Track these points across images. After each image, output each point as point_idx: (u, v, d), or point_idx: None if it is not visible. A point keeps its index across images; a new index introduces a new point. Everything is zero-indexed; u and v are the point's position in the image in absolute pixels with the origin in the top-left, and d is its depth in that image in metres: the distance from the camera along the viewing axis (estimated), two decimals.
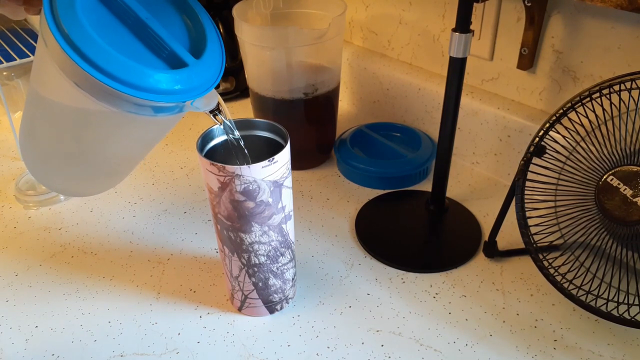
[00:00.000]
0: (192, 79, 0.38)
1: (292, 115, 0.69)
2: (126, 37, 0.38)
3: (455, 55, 0.53)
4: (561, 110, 0.51)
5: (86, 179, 0.49)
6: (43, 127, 0.44)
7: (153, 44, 0.38)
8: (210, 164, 0.42)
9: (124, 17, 0.38)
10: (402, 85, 0.78)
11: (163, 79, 0.37)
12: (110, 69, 0.35)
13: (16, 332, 0.51)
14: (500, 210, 0.56)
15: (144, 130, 0.44)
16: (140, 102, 0.37)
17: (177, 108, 0.40)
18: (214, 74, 0.40)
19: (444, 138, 0.59)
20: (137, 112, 0.38)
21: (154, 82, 0.36)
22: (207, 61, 0.40)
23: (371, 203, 0.67)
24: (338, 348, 0.49)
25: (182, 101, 0.38)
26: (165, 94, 0.37)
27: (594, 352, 0.48)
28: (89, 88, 0.36)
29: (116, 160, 0.47)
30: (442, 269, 0.57)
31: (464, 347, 0.48)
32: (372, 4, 0.80)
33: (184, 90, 0.38)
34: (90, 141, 0.43)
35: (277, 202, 0.45)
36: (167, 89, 0.37)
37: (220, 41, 0.42)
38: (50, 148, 0.46)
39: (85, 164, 0.46)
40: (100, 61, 0.35)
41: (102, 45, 0.35)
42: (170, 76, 0.37)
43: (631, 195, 0.46)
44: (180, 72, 0.38)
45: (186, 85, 0.38)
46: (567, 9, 0.58)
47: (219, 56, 0.41)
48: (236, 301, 0.52)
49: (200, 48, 0.40)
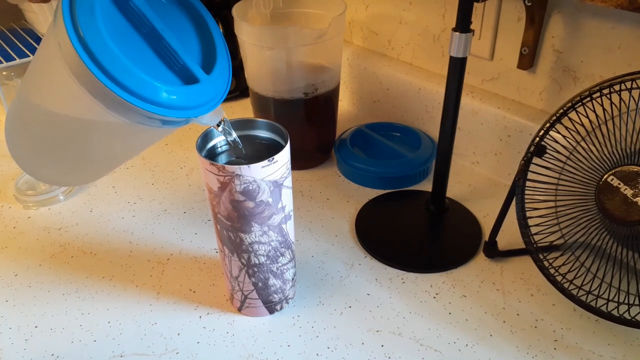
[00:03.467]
0: (202, 95, 0.39)
1: (292, 115, 0.69)
2: (141, 46, 0.38)
3: (455, 55, 0.53)
4: (561, 110, 0.51)
5: (76, 172, 0.49)
6: (36, 126, 0.44)
7: (166, 56, 0.38)
8: (210, 164, 0.41)
9: (140, 26, 0.38)
10: (402, 85, 0.78)
11: (176, 95, 0.37)
12: (126, 82, 0.35)
13: (16, 332, 0.51)
14: (501, 210, 0.56)
15: (146, 135, 0.44)
16: (152, 115, 0.37)
17: (185, 121, 0.40)
18: (222, 89, 0.41)
19: (444, 138, 0.59)
20: (145, 123, 0.39)
21: (167, 98, 0.37)
22: (217, 76, 0.40)
23: (371, 203, 0.67)
24: (338, 348, 0.49)
25: (192, 117, 0.39)
26: (177, 109, 0.38)
27: (594, 352, 0.48)
28: (101, 97, 0.36)
29: (111, 159, 0.47)
30: (442, 269, 0.57)
31: (464, 347, 0.48)
32: (372, 4, 0.80)
33: (195, 106, 0.39)
34: (88, 144, 0.43)
35: (277, 202, 0.45)
36: (178, 104, 0.37)
37: (228, 56, 0.42)
38: (42, 145, 0.45)
39: (79, 161, 0.46)
40: (117, 73, 0.35)
41: (119, 56, 0.35)
42: (183, 92, 0.38)
43: (631, 195, 0.46)
44: (192, 88, 0.38)
45: (197, 101, 0.39)
46: (567, 8, 0.58)
47: (226, 71, 0.42)
48: (236, 301, 0.52)
49: (210, 62, 0.41)
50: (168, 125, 0.40)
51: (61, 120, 0.41)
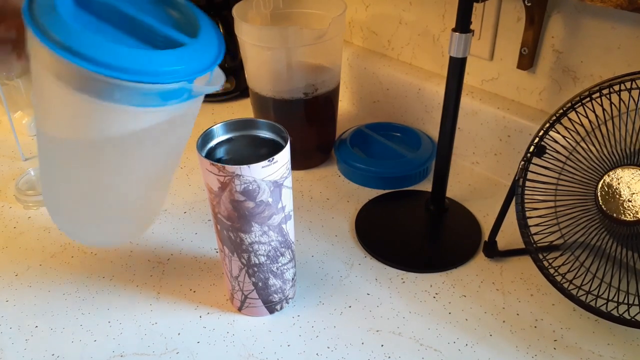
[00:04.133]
0: (192, 57, 0.37)
1: (292, 115, 0.69)
2: (117, 34, 0.37)
3: (455, 55, 0.53)
4: (561, 110, 0.51)
5: (120, 217, 0.47)
6: (61, 171, 0.43)
7: (145, 35, 0.37)
8: (210, 164, 0.42)
9: (110, 17, 0.37)
10: (402, 85, 0.78)
11: (163, 60, 0.36)
12: (108, 60, 0.34)
13: (16, 332, 0.51)
14: (500, 210, 0.56)
15: (160, 136, 0.42)
16: (145, 88, 0.36)
17: (185, 92, 0.38)
18: (214, 51, 0.39)
19: (444, 138, 0.59)
20: (145, 103, 0.37)
21: (156, 64, 0.35)
22: (204, 40, 0.39)
23: (371, 203, 0.67)
24: (338, 348, 0.49)
25: (186, 79, 0.37)
26: (169, 75, 0.36)
27: (594, 352, 0.48)
28: (90, 90, 0.35)
29: (141, 185, 0.45)
30: (442, 269, 0.57)
31: (464, 347, 0.48)
32: (372, 4, 0.80)
33: (187, 69, 0.37)
34: (111, 169, 0.42)
35: (277, 202, 0.45)
36: (169, 69, 0.36)
37: (213, 22, 0.41)
38: (74, 192, 0.44)
39: (115, 199, 0.45)
40: (96, 54, 0.34)
41: (94, 38, 0.34)
42: (170, 55, 0.36)
43: (631, 195, 0.46)
44: (179, 51, 0.37)
45: (187, 63, 0.37)
46: (567, 9, 0.58)
47: (214, 35, 0.40)
48: (236, 301, 0.52)
49: (194, 30, 0.39)
50: (170, 100, 0.38)
51: (78, 145, 0.40)
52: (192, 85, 0.38)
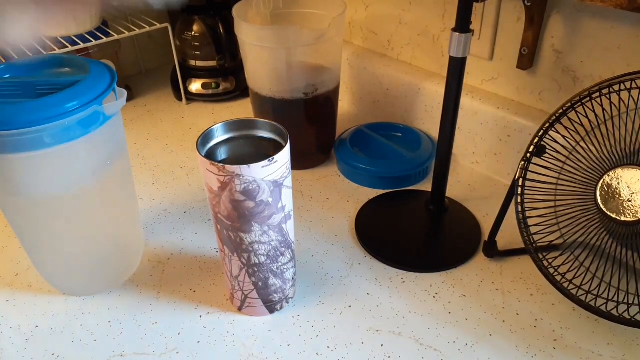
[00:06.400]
0: (90, 86, 0.45)
1: (292, 115, 0.69)
2: (25, 104, 0.43)
3: (455, 55, 0.53)
4: (561, 110, 0.51)
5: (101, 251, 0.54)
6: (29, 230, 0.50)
7: (49, 91, 0.45)
8: (210, 164, 0.42)
9: (15, 93, 0.46)
10: (402, 85, 0.78)
11: (66, 97, 0.43)
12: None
13: (16, 332, 0.51)
14: (500, 210, 0.56)
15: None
16: (64, 123, 0.43)
17: (100, 115, 0.46)
18: (108, 77, 0.47)
19: (444, 138, 0.59)
20: (70, 137, 0.44)
21: (64, 101, 0.43)
22: (96, 73, 0.47)
23: (371, 203, 0.67)
24: (338, 348, 0.49)
25: (95, 104, 0.44)
26: (78, 105, 0.43)
27: (594, 352, 0.48)
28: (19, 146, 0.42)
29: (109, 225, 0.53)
30: (442, 268, 0.57)
31: (464, 347, 0.48)
32: (372, 4, 0.80)
33: (89, 96, 0.44)
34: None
35: (277, 202, 0.45)
36: (74, 103, 0.43)
37: (100, 62, 0.50)
38: (50, 247, 0.51)
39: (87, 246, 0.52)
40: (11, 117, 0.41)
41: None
42: (70, 92, 0.44)
43: (631, 195, 0.46)
44: (78, 86, 0.45)
45: (87, 92, 0.45)
46: (567, 9, 0.58)
47: (104, 68, 0.48)
48: (236, 301, 0.52)
49: (85, 70, 0.48)
50: (90, 127, 0.45)
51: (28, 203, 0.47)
52: (102, 107, 0.45)
